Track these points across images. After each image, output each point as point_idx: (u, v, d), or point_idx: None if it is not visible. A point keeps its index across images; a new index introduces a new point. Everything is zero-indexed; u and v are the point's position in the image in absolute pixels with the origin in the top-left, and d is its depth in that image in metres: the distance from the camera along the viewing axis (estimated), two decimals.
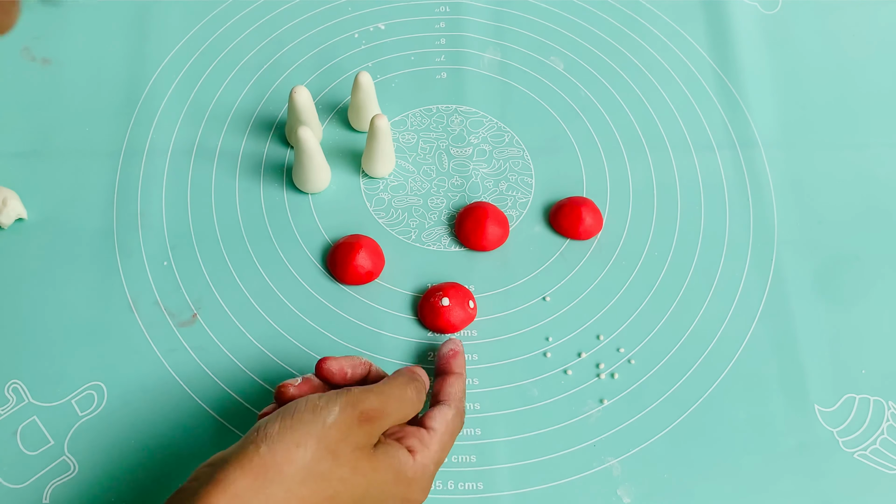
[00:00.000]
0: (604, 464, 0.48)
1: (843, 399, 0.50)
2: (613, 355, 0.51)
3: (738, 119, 0.59)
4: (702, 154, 0.58)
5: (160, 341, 0.50)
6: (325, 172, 0.54)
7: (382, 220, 0.55)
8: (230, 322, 0.51)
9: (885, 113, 0.60)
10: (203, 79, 0.59)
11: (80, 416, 0.48)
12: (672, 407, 0.49)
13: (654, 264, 0.54)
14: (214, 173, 0.56)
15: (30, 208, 0.54)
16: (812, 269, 0.54)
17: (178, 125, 0.57)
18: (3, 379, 0.49)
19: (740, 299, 0.53)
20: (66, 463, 0.47)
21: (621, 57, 0.61)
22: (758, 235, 0.55)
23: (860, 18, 0.63)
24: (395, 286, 0.53)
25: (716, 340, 0.51)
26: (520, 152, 0.57)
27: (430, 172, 0.56)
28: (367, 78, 0.54)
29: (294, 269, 0.53)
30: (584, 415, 0.49)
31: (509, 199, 0.56)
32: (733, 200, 0.56)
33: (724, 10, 0.63)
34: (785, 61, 0.61)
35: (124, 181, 0.55)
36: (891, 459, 0.49)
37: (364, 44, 0.61)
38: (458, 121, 0.58)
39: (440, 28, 0.61)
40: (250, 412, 0.49)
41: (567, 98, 0.59)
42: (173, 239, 0.53)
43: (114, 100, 0.58)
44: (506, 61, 0.60)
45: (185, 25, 0.61)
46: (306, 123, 0.54)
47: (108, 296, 0.51)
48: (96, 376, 0.49)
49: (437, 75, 0.60)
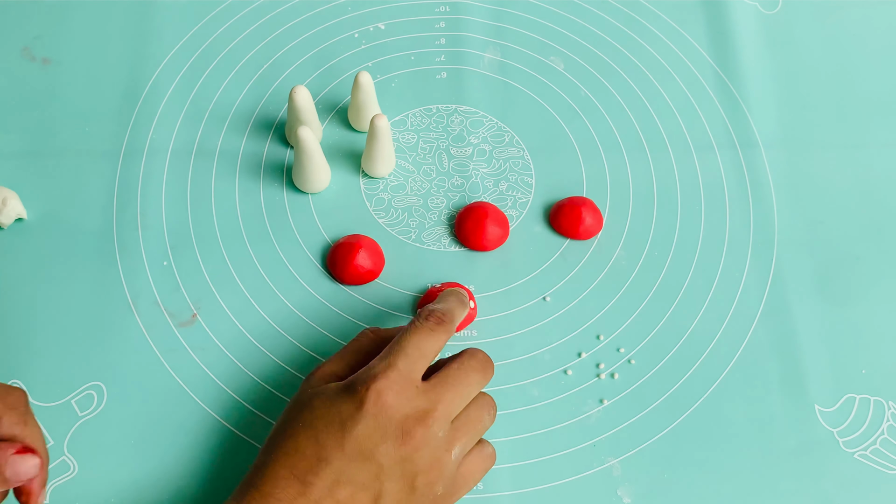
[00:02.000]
0: (604, 464, 0.48)
1: (844, 399, 0.50)
2: (613, 355, 0.51)
3: (738, 119, 0.59)
4: (702, 154, 0.58)
5: (160, 341, 0.50)
6: (325, 172, 0.54)
7: (382, 220, 0.55)
8: (230, 322, 0.51)
9: (884, 113, 0.60)
10: (203, 79, 0.59)
11: (79, 416, 0.48)
12: (672, 407, 0.49)
13: (654, 264, 0.54)
14: (214, 173, 0.56)
15: (30, 208, 0.54)
16: (812, 269, 0.54)
17: (178, 125, 0.57)
18: (3, 379, 0.49)
19: (740, 299, 0.53)
20: (65, 463, 0.47)
21: (621, 57, 0.61)
22: (758, 235, 0.55)
23: (860, 18, 0.63)
24: (395, 286, 0.53)
25: (716, 340, 0.51)
26: (520, 152, 0.57)
27: (430, 172, 0.56)
28: (367, 78, 0.54)
29: (294, 269, 0.53)
30: (584, 415, 0.49)
31: (509, 199, 0.56)
32: (733, 200, 0.56)
33: (724, 10, 0.63)
34: (785, 61, 0.61)
35: (124, 181, 0.55)
36: (891, 459, 0.49)
37: (364, 44, 0.61)
38: (458, 121, 0.58)
39: (440, 28, 0.61)
40: (250, 412, 0.49)
41: (567, 98, 0.59)
42: (173, 239, 0.53)
43: (114, 100, 0.58)
44: (506, 61, 0.60)
45: (185, 25, 0.61)
46: (306, 123, 0.54)
47: (108, 296, 0.51)
48: (96, 376, 0.49)
49: (437, 75, 0.60)
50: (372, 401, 0.40)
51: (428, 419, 0.40)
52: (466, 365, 0.43)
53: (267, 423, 0.48)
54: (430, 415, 0.40)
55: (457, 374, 0.42)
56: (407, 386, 0.40)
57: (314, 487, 0.39)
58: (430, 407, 0.40)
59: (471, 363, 0.43)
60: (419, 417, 0.40)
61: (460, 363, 0.43)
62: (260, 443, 0.48)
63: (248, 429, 0.48)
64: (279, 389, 0.49)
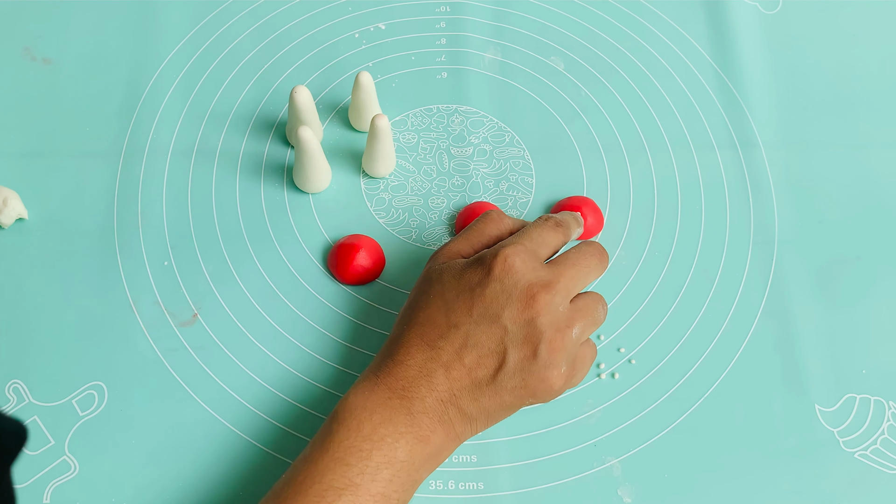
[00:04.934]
0: (604, 464, 0.48)
1: (844, 399, 0.50)
2: (614, 355, 0.51)
3: (738, 119, 0.59)
4: (702, 154, 0.58)
5: (160, 341, 0.50)
6: (325, 172, 0.54)
7: (383, 220, 0.55)
8: (230, 322, 0.51)
9: (885, 113, 0.60)
10: (203, 79, 0.59)
11: (80, 415, 0.48)
12: (672, 407, 0.49)
13: (654, 264, 0.54)
14: (215, 173, 0.56)
15: (30, 208, 0.54)
16: (812, 269, 0.54)
17: (178, 125, 0.57)
18: (4, 379, 0.49)
19: (740, 299, 0.53)
20: (66, 463, 0.47)
21: (622, 57, 0.61)
22: (758, 235, 0.55)
23: (860, 18, 0.63)
24: (395, 286, 0.53)
25: (716, 340, 0.51)
26: (520, 152, 0.57)
27: (430, 172, 0.56)
28: (367, 78, 0.54)
29: (294, 268, 0.53)
30: (584, 415, 0.49)
31: (510, 199, 0.56)
32: (733, 200, 0.56)
33: (724, 10, 0.63)
34: (785, 61, 0.61)
35: (125, 181, 0.55)
36: (891, 459, 0.49)
37: (364, 44, 0.61)
38: (459, 121, 0.58)
39: (440, 28, 0.61)
40: (250, 412, 0.49)
41: (567, 98, 0.59)
42: (174, 239, 0.53)
43: (114, 100, 0.58)
44: (506, 61, 0.60)
45: (185, 25, 0.61)
46: (307, 123, 0.54)
47: (109, 295, 0.51)
48: (97, 376, 0.49)
49: (438, 75, 0.60)
50: (500, 266, 0.43)
51: (551, 288, 0.43)
52: (584, 250, 0.46)
53: (268, 423, 0.48)
54: (553, 285, 0.43)
55: (576, 256, 0.45)
56: (532, 258, 0.44)
57: (443, 351, 0.42)
58: (553, 279, 0.43)
59: (588, 249, 0.46)
60: (543, 285, 0.43)
61: (578, 248, 0.46)
62: (260, 442, 0.48)
63: (248, 428, 0.48)
64: (280, 389, 0.49)
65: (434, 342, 0.43)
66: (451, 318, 0.43)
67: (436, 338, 0.43)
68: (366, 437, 0.41)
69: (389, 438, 0.41)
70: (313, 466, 0.40)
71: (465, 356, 0.42)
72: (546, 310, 0.42)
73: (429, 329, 0.43)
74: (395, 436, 0.41)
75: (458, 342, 0.42)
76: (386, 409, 0.42)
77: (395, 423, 0.41)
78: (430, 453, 0.42)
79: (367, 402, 0.42)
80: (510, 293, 0.42)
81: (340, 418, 0.42)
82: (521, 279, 0.43)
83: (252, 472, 0.47)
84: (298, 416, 0.48)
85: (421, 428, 0.41)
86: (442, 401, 0.42)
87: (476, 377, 0.42)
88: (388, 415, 0.41)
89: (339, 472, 0.40)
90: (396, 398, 0.42)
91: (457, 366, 0.42)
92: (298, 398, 0.49)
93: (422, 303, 0.44)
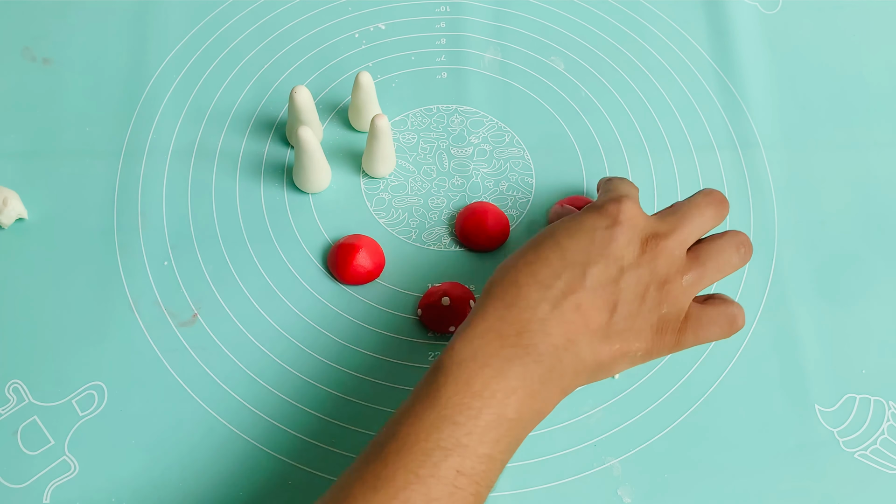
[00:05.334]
0: (604, 464, 0.48)
1: (844, 399, 0.50)
2: None
3: (738, 119, 0.59)
4: (702, 154, 0.58)
5: (160, 341, 0.50)
6: (325, 172, 0.54)
7: (383, 220, 0.55)
8: (231, 322, 0.51)
9: (885, 113, 0.60)
10: (203, 79, 0.59)
11: (80, 416, 0.48)
12: (672, 407, 0.49)
13: None
14: (215, 173, 0.56)
15: (30, 208, 0.54)
16: (812, 269, 0.54)
17: (178, 125, 0.57)
18: (4, 379, 0.49)
19: (740, 299, 0.53)
20: (66, 463, 0.47)
21: (621, 57, 0.61)
22: (758, 235, 0.55)
23: (860, 18, 0.63)
24: (395, 286, 0.53)
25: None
26: (520, 152, 0.57)
27: (430, 172, 0.56)
28: (367, 78, 0.54)
29: (294, 269, 0.53)
30: (584, 415, 0.49)
31: (509, 199, 0.56)
32: (733, 200, 0.56)
33: (724, 10, 0.63)
34: (785, 61, 0.61)
35: (124, 181, 0.55)
36: (891, 459, 0.49)
37: (364, 44, 0.61)
38: (459, 121, 0.58)
39: (440, 28, 0.61)
40: (251, 412, 0.49)
41: (567, 98, 0.59)
42: (174, 239, 0.53)
43: (114, 100, 0.58)
44: (506, 61, 0.60)
45: (185, 25, 0.61)
46: (307, 123, 0.54)
47: (109, 296, 0.51)
48: (96, 376, 0.49)
49: (438, 75, 0.60)
50: (619, 210, 0.43)
51: (667, 235, 0.43)
52: (698, 200, 0.45)
53: (268, 423, 0.48)
54: (668, 234, 0.43)
55: (688, 207, 0.45)
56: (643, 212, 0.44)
57: (554, 290, 0.40)
58: (668, 228, 0.43)
59: (703, 199, 0.45)
60: (657, 234, 0.43)
61: (691, 198, 0.46)
62: (260, 442, 0.48)
63: (249, 428, 0.48)
64: (280, 389, 0.49)
65: (546, 280, 0.41)
66: (565, 259, 0.41)
67: (548, 276, 0.41)
68: (476, 393, 0.38)
69: (500, 394, 0.38)
70: (418, 422, 0.38)
71: (582, 297, 0.40)
72: (660, 254, 0.42)
73: (541, 268, 0.41)
74: (507, 391, 0.38)
75: (571, 281, 0.40)
76: (497, 359, 0.39)
77: (507, 377, 0.39)
78: (539, 409, 0.40)
79: (476, 352, 0.39)
80: (628, 237, 0.42)
81: (447, 369, 0.39)
82: (638, 224, 0.43)
83: (252, 472, 0.47)
84: (299, 416, 0.48)
85: (533, 381, 0.39)
86: (556, 346, 0.40)
87: (590, 321, 0.40)
88: (500, 367, 0.39)
89: (447, 431, 0.38)
90: (509, 346, 0.39)
91: (571, 308, 0.40)
92: (298, 398, 0.49)
93: (535, 244, 0.43)
